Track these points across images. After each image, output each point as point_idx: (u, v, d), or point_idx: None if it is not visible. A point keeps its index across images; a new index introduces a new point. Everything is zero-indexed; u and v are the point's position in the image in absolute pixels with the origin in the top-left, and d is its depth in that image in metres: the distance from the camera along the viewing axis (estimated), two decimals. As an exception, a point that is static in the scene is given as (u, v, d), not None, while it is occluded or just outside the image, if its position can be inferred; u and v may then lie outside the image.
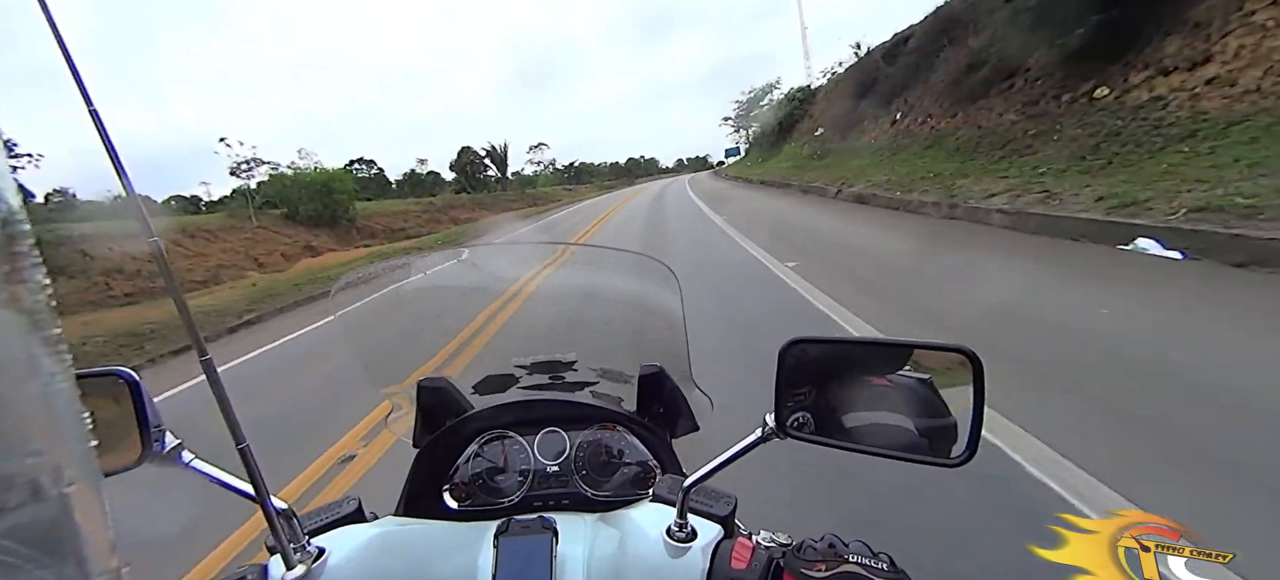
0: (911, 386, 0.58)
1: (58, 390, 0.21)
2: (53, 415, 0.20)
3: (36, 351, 0.20)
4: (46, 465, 0.19)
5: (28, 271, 0.20)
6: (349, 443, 3.02)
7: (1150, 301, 3.61)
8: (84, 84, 0.40)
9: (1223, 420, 2.15)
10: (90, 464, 0.22)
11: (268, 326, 7.89)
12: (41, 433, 0.20)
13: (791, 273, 5.54)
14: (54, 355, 0.21)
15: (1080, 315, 3.47)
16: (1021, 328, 3.40)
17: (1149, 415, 2.26)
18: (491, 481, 0.88)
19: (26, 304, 0.20)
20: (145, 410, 0.63)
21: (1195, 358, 2.66)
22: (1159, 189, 5.34)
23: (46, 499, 0.19)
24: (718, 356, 3.37)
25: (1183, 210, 4.68)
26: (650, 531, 0.64)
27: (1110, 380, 2.58)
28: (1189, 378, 2.50)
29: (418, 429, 0.94)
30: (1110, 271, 4.32)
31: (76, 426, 0.21)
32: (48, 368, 0.21)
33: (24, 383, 0.19)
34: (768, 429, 0.61)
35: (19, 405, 0.19)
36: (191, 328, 0.47)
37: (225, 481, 0.63)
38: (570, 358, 0.97)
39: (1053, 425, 2.22)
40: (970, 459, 0.54)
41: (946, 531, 1.78)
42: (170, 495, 1.60)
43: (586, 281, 1.13)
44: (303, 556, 0.60)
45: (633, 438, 0.90)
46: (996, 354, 2.48)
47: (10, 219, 0.19)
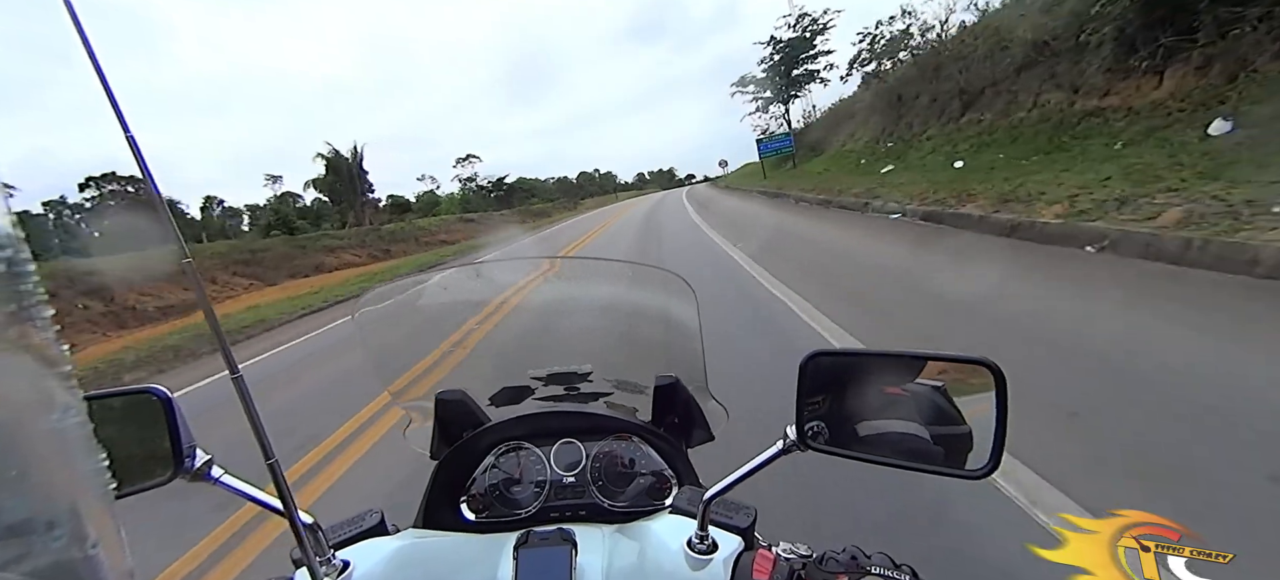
0: (925, 394, 0.58)
1: (71, 425, 0.21)
2: (67, 451, 0.20)
3: (49, 387, 0.20)
4: (62, 503, 0.20)
5: (34, 309, 0.20)
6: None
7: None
8: (122, 111, 0.40)
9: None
10: (106, 496, 0.22)
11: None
12: (57, 470, 0.20)
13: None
14: (66, 389, 0.21)
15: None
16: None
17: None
18: (508, 493, 0.88)
19: (35, 341, 0.20)
20: (178, 428, 0.64)
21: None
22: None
23: (62, 537, 0.19)
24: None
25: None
26: (671, 543, 0.64)
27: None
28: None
29: (435, 440, 0.95)
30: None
31: (91, 459, 0.21)
32: (61, 402, 0.20)
33: (37, 422, 0.19)
34: (788, 441, 0.61)
35: (33, 445, 0.19)
36: (223, 345, 0.47)
37: (254, 496, 0.64)
38: (586, 369, 0.97)
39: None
40: (994, 471, 0.53)
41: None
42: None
43: (603, 294, 1.13)
44: (328, 569, 0.62)
45: (648, 448, 0.90)
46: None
47: (14, 258, 0.19)
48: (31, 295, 0.20)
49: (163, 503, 0.75)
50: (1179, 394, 2.31)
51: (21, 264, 0.19)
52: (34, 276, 0.20)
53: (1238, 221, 3.89)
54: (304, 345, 7.42)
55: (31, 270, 0.20)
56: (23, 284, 0.20)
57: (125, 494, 0.62)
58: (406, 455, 1.03)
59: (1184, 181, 5.11)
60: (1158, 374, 2.50)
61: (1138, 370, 2.57)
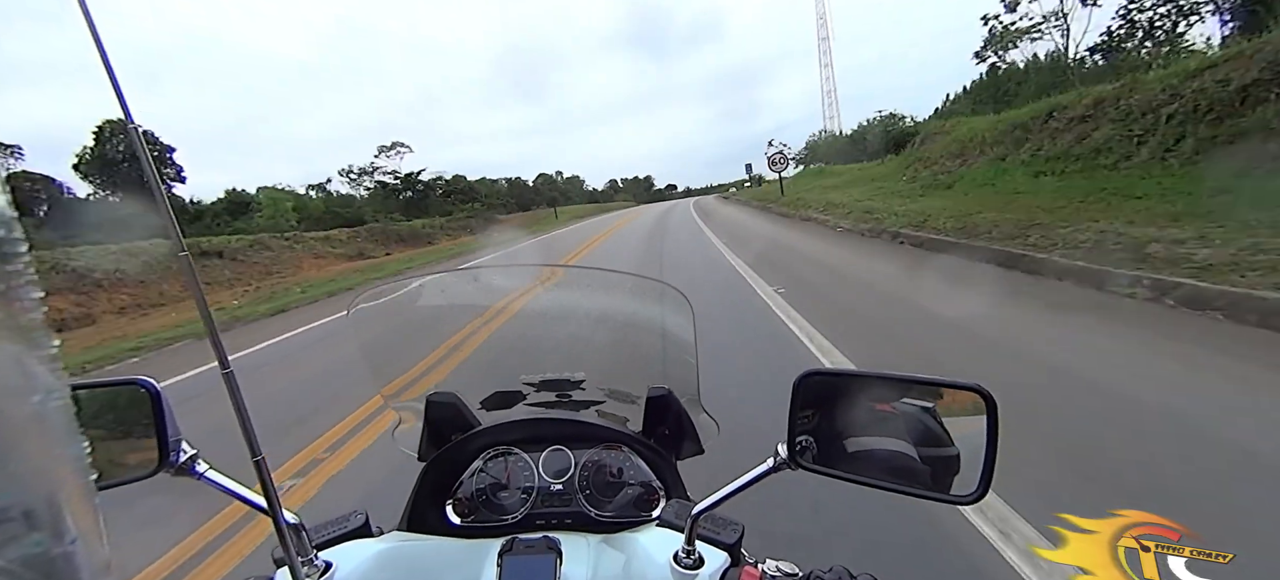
0: (914, 413, 0.59)
1: (53, 409, 0.20)
2: (48, 436, 0.20)
3: (32, 369, 0.20)
4: (41, 490, 0.19)
5: (22, 289, 0.20)
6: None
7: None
8: (126, 102, 0.40)
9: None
10: (86, 485, 0.21)
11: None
12: (36, 455, 0.19)
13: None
14: (51, 371, 0.20)
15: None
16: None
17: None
18: (495, 498, 0.87)
19: (21, 321, 0.19)
20: (164, 420, 0.64)
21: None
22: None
23: (41, 526, 0.19)
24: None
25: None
26: (657, 556, 0.64)
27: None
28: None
29: (424, 442, 0.95)
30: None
31: (72, 446, 0.21)
32: (44, 384, 0.20)
33: (18, 404, 0.19)
34: (779, 459, 0.61)
35: (12, 426, 0.19)
36: (216, 339, 0.47)
37: (238, 493, 0.64)
38: (578, 377, 0.97)
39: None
40: (983, 497, 0.54)
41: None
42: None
43: (599, 304, 1.13)
44: (310, 570, 0.61)
45: (637, 458, 0.89)
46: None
47: (5, 238, 0.19)
48: (20, 275, 0.20)
49: (146, 497, 0.73)
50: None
51: (13, 244, 0.19)
52: (25, 256, 0.20)
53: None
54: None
55: (23, 250, 0.20)
56: (12, 264, 0.19)
57: (108, 486, 0.61)
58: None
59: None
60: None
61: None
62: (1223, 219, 5.20)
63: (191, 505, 2.55)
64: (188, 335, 8.17)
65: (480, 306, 1.13)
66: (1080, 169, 10.02)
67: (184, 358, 6.66)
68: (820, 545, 1.88)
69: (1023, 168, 11.80)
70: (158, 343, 8.04)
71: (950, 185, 13.86)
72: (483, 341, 1.24)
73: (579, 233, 24.85)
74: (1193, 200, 6.32)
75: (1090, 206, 7.42)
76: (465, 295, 1.20)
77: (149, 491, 0.67)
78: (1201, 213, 5.67)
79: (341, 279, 15.08)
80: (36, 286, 0.20)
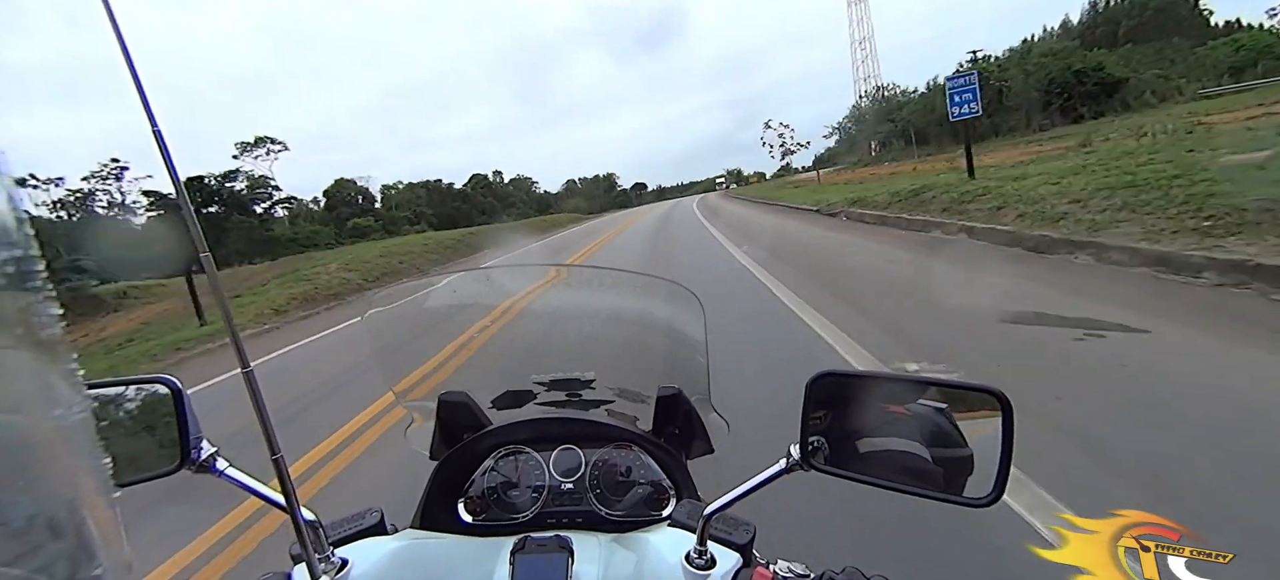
0: (928, 414, 0.58)
1: (74, 421, 0.21)
2: (69, 447, 0.20)
3: (53, 383, 0.20)
4: (63, 500, 0.20)
5: (41, 305, 0.20)
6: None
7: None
8: (150, 105, 0.41)
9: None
10: (107, 492, 0.22)
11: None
12: (58, 467, 0.20)
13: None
14: (70, 385, 0.21)
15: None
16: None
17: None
18: (506, 496, 0.88)
19: (41, 337, 0.20)
20: (186, 418, 0.65)
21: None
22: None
23: (64, 535, 0.19)
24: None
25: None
26: (669, 557, 0.64)
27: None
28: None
29: (436, 441, 0.96)
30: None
31: (93, 455, 0.22)
32: (65, 398, 0.21)
33: (41, 418, 0.20)
34: (792, 460, 0.60)
35: (36, 439, 0.19)
36: (237, 340, 0.48)
37: (257, 490, 0.65)
38: (588, 376, 0.97)
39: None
40: (997, 500, 0.53)
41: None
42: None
43: (609, 303, 1.13)
44: (326, 567, 0.62)
45: (648, 458, 0.90)
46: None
47: (24, 256, 0.20)
48: (40, 291, 0.20)
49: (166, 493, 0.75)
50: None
51: (30, 262, 0.20)
52: (42, 273, 0.20)
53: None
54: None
55: (39, 268, 0.20)
56: (31, 281, 0.20)
57: (130, 483, 0.62)
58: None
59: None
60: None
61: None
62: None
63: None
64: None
65: (491, 306, 1.14)
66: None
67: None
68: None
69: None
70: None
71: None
72: (491, 339, 1.25)
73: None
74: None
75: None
76: (477, 295, 1.21)
77: (168, 488, 0.69)
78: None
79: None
80: (55, 304, 0.21)
